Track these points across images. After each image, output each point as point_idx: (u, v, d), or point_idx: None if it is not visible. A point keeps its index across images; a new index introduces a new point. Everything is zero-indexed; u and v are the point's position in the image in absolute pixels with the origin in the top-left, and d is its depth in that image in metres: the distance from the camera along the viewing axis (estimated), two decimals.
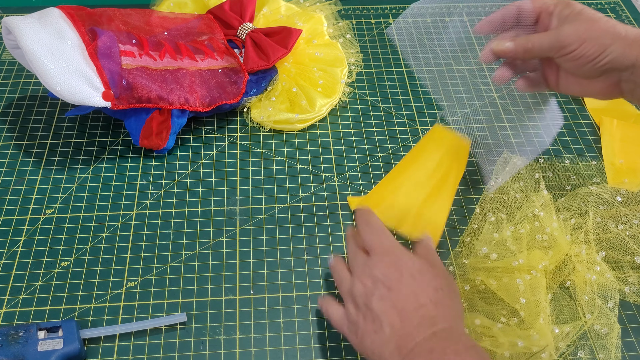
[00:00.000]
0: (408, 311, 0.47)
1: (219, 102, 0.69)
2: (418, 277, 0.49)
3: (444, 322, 0.47)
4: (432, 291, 0.48)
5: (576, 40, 0.53)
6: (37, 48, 0.61)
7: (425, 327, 0.46)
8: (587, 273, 0.58)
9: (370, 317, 0.48)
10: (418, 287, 0.48)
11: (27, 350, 0.51)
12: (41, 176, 0.67)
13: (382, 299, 0.48)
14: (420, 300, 0.47)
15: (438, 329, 0.46)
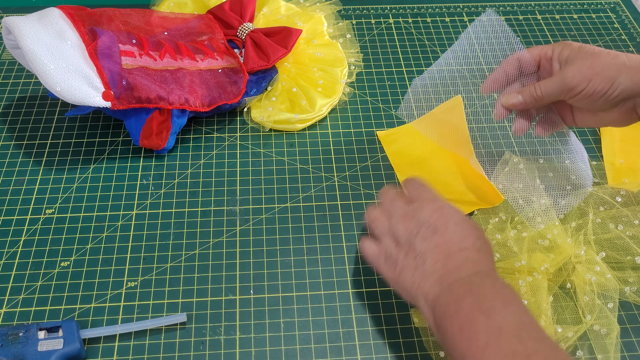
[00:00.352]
0: (452, 252, 0.49)
1: (219, 102, 0.69)
2: (461, 224, 0.51)
3: (485, 266, 0.49)
4: (474, 238, 0.50)
5: (583, 80, 0.54)
6: (37, 48, 0.61)
7: (467, 267, 0.48)
8: (587, 274, 0.58)
9: (413, 255, 0.50)
10: (462, 232, 0.50)
11: (27, 350, 0.51)
12: (41, 176, 0.67)
13: (426, 239, 0.50)
14: (464, 244, 0.49)
15: (480, 270, 0.48)
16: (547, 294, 0.56)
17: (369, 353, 0.55)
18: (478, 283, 0.47)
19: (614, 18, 0.90)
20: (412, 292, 0.49)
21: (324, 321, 0.57)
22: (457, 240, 0.50)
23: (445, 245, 0.50)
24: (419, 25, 0.88)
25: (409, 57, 0.83)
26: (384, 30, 0.87)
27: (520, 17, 0.89)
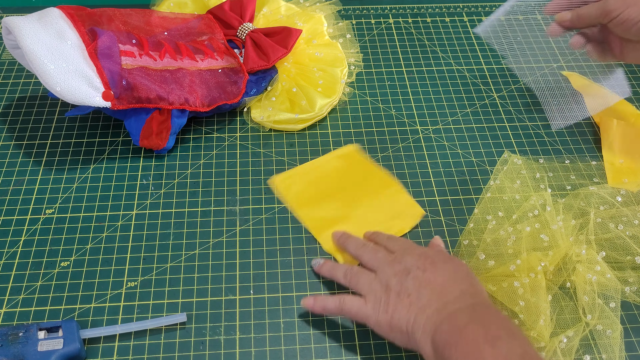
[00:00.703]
0: (446, 286, 0.49)
1: (219, 102, 0.69)
2: (450, 262, 0.52)
3: (483, 299, 0.49)
4: (464, 274, 0.51)
5: (620, 6, 0.60)
6: (37, 48, 0.61)
7: (465, 299, 0.48)
8: (587, 273, 0.58)
9: (406, 293, 0.50)
10: (452, 269, 0.51)
11: (27, 350, 0.51)
12: (41, 176, 0.67)
13: (418, 278, 0.51)
14: (457, 279, 0.50)
15: (478, 301, 0.48)
16: (545, 293, 0.56)
17: (369, 353, 0.55)
18: (480, 312, 0.47)
19: None
20: (408, 328, 0.49)
21: (323, 321, 0.57)
22: (450, 276, 0.51)
23: (438, 281, 0.50)
24: (419, 25, 0.88)
25: (409, 57, 0.83)
26: (384, 30, 0.87)
27: (520, 17, 0.89)
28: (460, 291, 0.49)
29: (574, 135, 0.74)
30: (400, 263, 0.53)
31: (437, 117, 0.75)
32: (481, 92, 0.78)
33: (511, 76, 0.81)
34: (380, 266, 0.54)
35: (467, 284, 0.50)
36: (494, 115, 0.76)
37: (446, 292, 0.49)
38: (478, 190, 0.67)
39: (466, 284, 0.50)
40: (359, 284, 0.54)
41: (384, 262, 0.54)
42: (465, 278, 0.51)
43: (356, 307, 0.52)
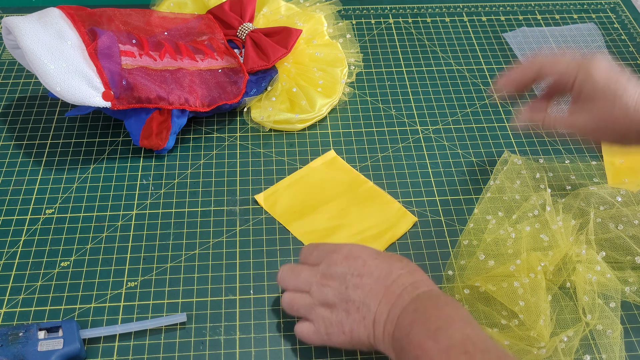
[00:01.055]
0: (387, 285, 0.48)
1: (219, 102, 0.69)
2: (378, 257, 0.50)
3: (424, 285, 0.48)
4: (399, 263, 0.50)
5: (595, 131, 0.53)
6: (37, 48, 0.61)
7: (408, 292, 0.47)
8: (587, 273, 0.58)
9: (355, 307, 0.48)
10: (385, 263, 0.50)
11: (27, 350, 0.51)
12: (41, 176, 0.67)
13: (358, 286, 0.49)
14: (395, 272, 0.49)
15: (420, 292, 0.47)
16: (545, 293, 0.56)
17: (369, 352, 0.55)
18: (421, 308, 0.46)
19: (614, 18, 0.90)
20: (370, 341, 0.48)
21: None
22: (386, 272, 0.49)
23: (378, 283, 0.48)
24: (419, 25, 0.88)
25: (409, 57, 0.83)
26: (384, 30, 0.87)
27: (520, 17, 0.89)
28: (401, 286, 0.48)
29: (574, 135, 0.73)
30: (330, 276, 0.50)
31: (437, 117, 0.75)
32: (481, 92, 0.78)
33: None
34: (310, 286, 0.51)
35: (406, 274, 0.49)
36: (494, 115, 0.76)
37: (390, 292, 0.48)
38: (478, 190, 0.67)
39: (405, 275, 0.48)
40: (300, 311, 0.52)
41: (310, 280, 0.51)
42: (402, 267, 0.49)
43: (311, 335, 0.51)
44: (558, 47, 0.85)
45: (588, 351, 0.55)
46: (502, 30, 0.87)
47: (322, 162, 0.68)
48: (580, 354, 0.54)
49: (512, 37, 0.86)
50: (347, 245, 0.52)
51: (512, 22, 0.88)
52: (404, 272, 0.49)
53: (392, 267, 0.49)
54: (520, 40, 0.85)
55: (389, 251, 0.61)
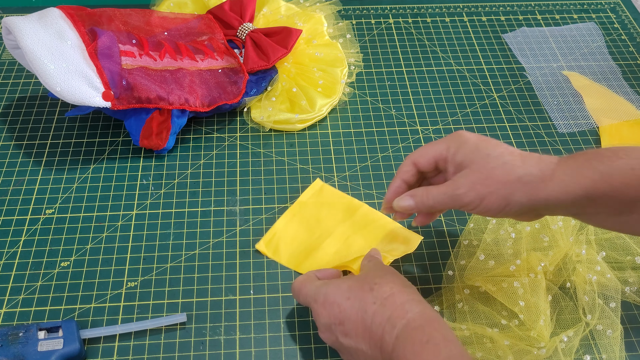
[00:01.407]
0: (368, 326, 0.47)
1: (219, 102, 0.69)
2: (351, 293, 0.49)
3: (398, 317, 0.46)
4: (369, 294, 0.48)
5: (475, 198, 0.48)
6: (37, 48, 0.61)
7: (388, 333, 0.46)
8: (587, 273, 0.58)
9: (354, 352, 0.49)
10: (357, 300, 0.48)
11: (27, 350, 0.51)
12: (41, 176, 0.67)
13: (345, 334, 0.48)
14: (369, 310, 0.47)
15: (398, 331, 0.46)
16: (545, 293, 0.56)
17: None
18: (399, 353, 0.45)
19: (614, 18, 0.90)
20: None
21: None
22: (361, 312, 0.48)
23: (359, 326, 0.47)
24: (419, 25, 0.88)
25: (409, 57, 0.83)
26: (384, 30, 0.87)
27: (520, 17, 0.89)
28: (380, 325, 0.47)
29: (574, 136, 0.74)
30: (323, 328, 0.50)
31: (437, 117, 0.75)
32: (481, 92, 0.78)
33: (511, 76, 0.81)
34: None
35: (379, 307, 0.47)
36: (494, 115, 0.76)
37: (373, 335, 0.47)
38: None
39: (379, 310, 0.47)
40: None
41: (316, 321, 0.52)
42: (373, 301, 0.48)
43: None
44: (558, 47, 0.85)
45: (588, 351, 0.55)
46: (502, 31, 0.87)
47: (311, 193, 0.65)
48: (580, 354, 0.54)
49: (512, 37, 0.86)
50: (322, 289, 0.50)
51: (512, 22, 0.88)
52: (377, 307, 0.47)
53: (364, 304, 0.48)
54: (520, 41, 0.85)
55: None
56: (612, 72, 0.81)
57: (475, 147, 0.49)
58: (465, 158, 0.49)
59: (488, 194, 0.48)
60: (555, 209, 0.48)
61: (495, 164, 0.48)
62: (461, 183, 0.49)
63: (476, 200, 0.48)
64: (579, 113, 0.76)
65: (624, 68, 0.82)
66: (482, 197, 0.48)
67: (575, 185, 0.46)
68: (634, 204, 0.45)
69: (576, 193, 0.46)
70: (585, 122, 0.75)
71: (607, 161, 0.45)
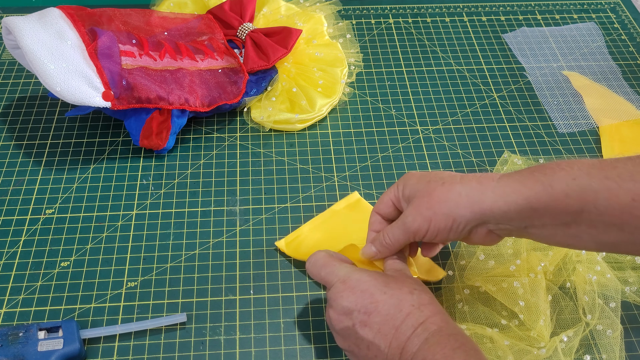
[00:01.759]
0: (397, 325, 0.47)
1: (219, 102, 0.69)
2: (389, 289, 0.48)
3: (433, 323, 0.46)
4: (409, 297, 0.48)
5: (423, 222, 0.49)
6: (37, 48, 0.61)
7: (418, 336, 0.46)
8: (587, 273, 0.58)
9: (365, 345, 0.48)
10: (394, 298, 0.48)
11: (27, 350, 0.51)
12: (41, 176, 0.67)
13: (366, 325, 0.48)
14: (404, 310, 0.47)
15: (429, 335, 0.46)
16: (545, 293, 0.56)
17: None
18: (426, 355, 0.45)
19: (614, 18, 0.90)
20: None
21: (323, 321, 0.57)
22: (394, 309, 0.47)
23: (387, 323, 0.47)
24: (419, 25, 0.88)
25: (409, 57, 0.83)
26: (384, 30, 0.87)
27: (520, 17, 0.89)
28: (411, 327, 0.46)
29: (574, 136, 0.74)
30: (341, 310, 0.49)
31: (437, 117, 0.75)
32: (481, 92, 0.78)
33: (511, 76, 0.81)
34: (328, 306, 0.51)
35: (416, 311, 0.47)
36: (494, 115, 0.76)
37: (400, 333, 0.46)
38: None
39: (415, 314, 0.47)
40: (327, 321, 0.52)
41: (329, 301, 0.51)
42: (411, 303, 0.47)
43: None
44: (558, 47, 0.85)
45: (588, 351, 0.55)
46: (502, 31, 0.87)
47: (345, 204, 0.64)
48: (580, 354, 0.54)
49: (512, 37, 0.86)
50: (355, 273, 0.50)
51: (512, 22, 0.88)
52: (414, 309, 0.47)
53: (401, 303, 0.48)
54: (520, 41, 0.85)
55: None
56: (612, 72, 0.81)
57: (419, 178, 0.52)
58: (412, 190, 0.52)
59: (433, 215, 0.49)
60: (502, 221, 0.48)
61: (435, 186, 0.50)
62: (408, 212, 0.51)
63: (424, 224, 0.49)
64: (579, 113, 0.76)
65: (624, 68, 0.82)
66: (429, 219, 0.49)
67: (515, 194, 0.47)
68: (577, 214, 0.45)
69: (518, 203, 0.46)
70: (585, 122, 0.75)
71: (549, 172, 0.46)
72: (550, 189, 0.45)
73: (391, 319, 0.47)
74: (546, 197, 0.45)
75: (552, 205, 0.45)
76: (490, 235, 0.50)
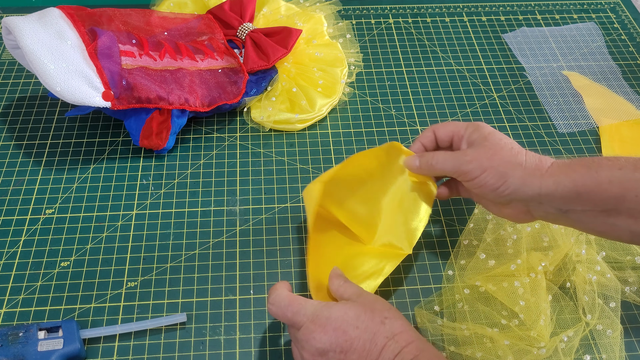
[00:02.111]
0: (374, 357, 0.46)
1: (219, 102, 0.69)
2: (360, 322, 0.48)
3: (409, 353, 0.46)
4: (382, 327, 0.47)
5: (477, 168, 0.52)
6: (37, 48, 0.61)
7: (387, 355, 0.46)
8: (587, 273, 0.58)
9: None
10: (367, 332, 0.47)
11: (27, 350, 0.51)
12: (41, 176, 0.67)
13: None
14: (379, 343, 0.47)
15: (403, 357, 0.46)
16: (546, 293, 0.56)
17: None
18: None
19: (614, 18, 0.90)
20: None
21: None
22: (370, 344, 0.47)
23: (365, 359, 0.47)
24: (419, 25, 0.88)
25: (409, 57, 0.83)
26: (384, 30, 0.87)
27: (520, 17, 0.89)
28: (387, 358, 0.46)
29: (574, 136, 0.74)
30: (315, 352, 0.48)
31: (437, 117, 0.75)
32: (481, 92, 0.78)
33: (511, 76, 0.81)
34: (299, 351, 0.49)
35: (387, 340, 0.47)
36: (494, 115, 0.76)
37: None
38: None
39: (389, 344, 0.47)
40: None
41: (297, 345, 0.49)
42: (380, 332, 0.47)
43: None
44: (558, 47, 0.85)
45: (588, 351, 0.55)
46: (502, 31, 0.87)
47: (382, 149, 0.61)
48: (580, 354, 0.54)
49: (512, 37, 0.86)
50: (323, 311, 0.48)
51: (512, 22, 0.88)
52: (388, 341, 0.47)
53: (375, 337, 0.47)
54: (520, 41, 0.85)
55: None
56: (612, 72, 0.81)
57: (490, 133, 0.55)
58: (479, 137, 0.54)
59: (489, 167, 0.52)
60: (545, 200, 0.51)
61: (504, 146, 0.53)
62: (469, 152, 0.54)
63: (477, 170, 0.52)
64: (579, 113, 0.76)
65: (624, 68, 0.82)
66: (484, 169, 0.52)
67: (565, 177, 0.50)
68: (619, 201, 0.48)
69: (565, 185, 0.50)
70: (585, 122, 0.75)
71: (597, 161, 0.50)
72: (596, 175, 0.49)
73: (367, 354, 0.47)
74: (591, 182, 0.49)
75: (596, 191, 0.49)
76: (526, 214, 0.54)
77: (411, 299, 0.58)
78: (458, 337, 0.54)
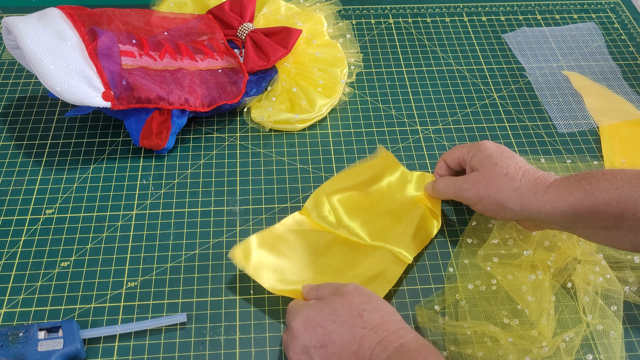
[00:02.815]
0: (354, 351, 0.47)
1: (219, 102, 0.69)
2: (337, 317, 0.49)
3: (391, 341, 0.46)
4: (359, 320, 0.48)
5: (475, 197, 0.57)
6: (37, 48, 0.61)
7: (377, 357, 0.46)
8: (587, 273, 0.58)
9: None
10: (344, 325, 0.48)
11: (27, 350, 0.51)
12: (41, 176, 0.67)
13: (326, 358, 0.48)
14: (357, 335, 0.47)
15: (390, 351, 0.46)
16: (549, 293, 0.56)
17: None
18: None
19: (614, 18, 0.90)
20: None
21: None
22: (348, 336, 0.47)
23: (345, 350, 0.47)
24: (419, 25, 0.88)
25: (409, 57, 0.83)
26: (384, 30, 0.87)
27: (520, 17, 0.89)
28: (368, 348, 0.46)
29: (574, 136, 0.74)
30: (299, 351, 0.49)
31: (437, 117, 0.75)
32: (481, 92, 0.78)
33: (511, 76, 0.81)
34: (288, 353, 0.50)
35: (370, 332, 0.47)
36: (494, 115, 0.76)
37: (359, 358, 0.47)
38: None
39: (369, 336, 0.47)
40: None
41: (286, 347, 0.51)
42: (363, 326, 0.48)
43: None
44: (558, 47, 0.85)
45: (589, 351, 0.55)
46: (502, 31, 0.87)
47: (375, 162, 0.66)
48: (581, 354, 0.54)
49: (512, 37, 0.86)
50: (302, 310, 0.50)
51: (512, 22, 0.88)
52: (367, 332, 0.47)
53: (353, 329, 0.48)
54: (520, 41, 0.85)
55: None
56: (612, 72, 0.81)
57: (489, 155, 0.58)
58: (478, 163, 0.58)
59: (486, 196, 0.56)
60: (546, 221, 0.54)
61: (499, 173, 0.56)
62: (468, 179, 0.58)
63: (475, 198, 0.57)
64: (579, 113, 0.76)
65: (624, 68, 0.82)
66: (481, 197, 0.56)
67: (561, 201, 0.52)
68: (617, 219, 0.50)
69: (563, 209, 0.52)
70: (585, 122, 0.75)
71: (594, 181, 0.51)
72: (593, 197, 0.50)
73: (347, 345, 0.47)
74: (588, 204, 0.51)
75: (594, 212, 0.51)
76: (532, 225, 0.57)
77: (411, 299, 0.58)
78: (459, 336, 0.54)
